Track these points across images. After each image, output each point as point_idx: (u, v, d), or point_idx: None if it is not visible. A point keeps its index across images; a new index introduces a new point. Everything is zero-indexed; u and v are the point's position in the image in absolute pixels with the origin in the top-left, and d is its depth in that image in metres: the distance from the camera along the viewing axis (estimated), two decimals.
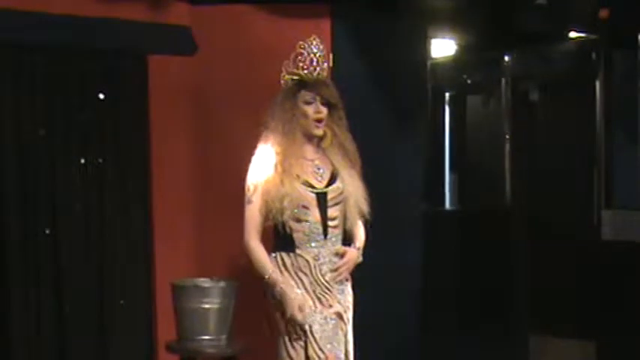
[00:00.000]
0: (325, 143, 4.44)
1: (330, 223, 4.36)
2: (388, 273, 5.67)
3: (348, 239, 4.51)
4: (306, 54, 4.42)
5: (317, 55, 4.43)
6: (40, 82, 5.16)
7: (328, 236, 4.36)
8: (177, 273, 5.50)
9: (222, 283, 5.26)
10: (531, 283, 7.38)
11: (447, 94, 8.23)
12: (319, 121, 4.38)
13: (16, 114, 5.08)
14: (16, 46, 5.07)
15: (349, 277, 4.48)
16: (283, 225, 4.31)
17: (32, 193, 5.13)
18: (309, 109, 4.38)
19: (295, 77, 4.41)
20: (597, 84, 7.00)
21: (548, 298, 7.20)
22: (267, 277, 4.31)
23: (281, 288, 4.27)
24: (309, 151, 4.42)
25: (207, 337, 5.17)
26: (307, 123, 4.37)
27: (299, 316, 4.25)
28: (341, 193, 4.39)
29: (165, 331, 5.45)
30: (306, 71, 4.41)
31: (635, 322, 6.43)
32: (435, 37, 6.93)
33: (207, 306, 5.16)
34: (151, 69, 5.59)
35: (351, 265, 4.44)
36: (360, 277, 4.57)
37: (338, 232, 4.41)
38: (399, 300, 5.84)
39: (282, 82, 4.45)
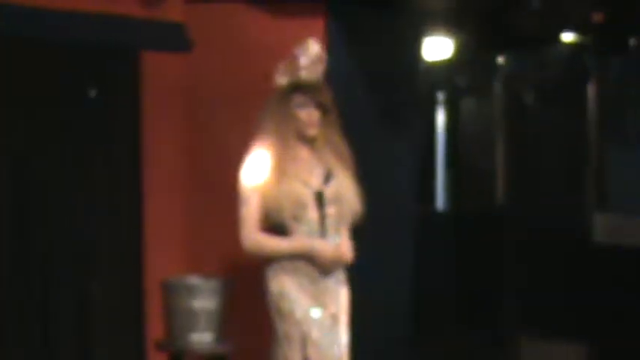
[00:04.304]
0: (318, 145, 4.41)
1: (327, 221, 4.33)
2: (380, 274, 5.64)
3: None
4: (301, 56, 4.35)
5: (313, 58, 4.36)
6: (29, 77, 5.10)
7: (326, 235, 4.33)
8: (167, 271, 5.47)
9: (212, 282, 5.24)
10: (523, 286, 7.37)
11: (441, 95, 8.23)
12: (312, 124, 4.35)
13: (4, 110, 5.03)
14: (4, 40, 5.01)
15: (345, 279, 4.45)
16: (281, 226, 4.28)
17: (22, 192, 5.09)
18: (302, 113, 4.34)
19: (289, 79, 4.36)
20: (590, 86, 7.01)
21: (540, 300, 7.19)
22: (288, 250, 4.25)
23: (309, 245, 4.24)
24: (304, 152, 4.39)
25: (196, 336, 5.15)
26: (300, 125, 4.34)
27: (336, 252, 4.26)
28: (337, 192, 4.36)
29: (155, 329, 5.43)
30: (300, 74, 4.33)
31: (628, 326, 6.42)
32: (429, 38, 6.91)
33: (197, 304, 5.14)
34: (144, 66, 5.55)
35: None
36: (352, 277, 4.54)
37: (335, 231, 4.37)
38: (390, 301, 5.81)
39: (276, 83, 4.40)
